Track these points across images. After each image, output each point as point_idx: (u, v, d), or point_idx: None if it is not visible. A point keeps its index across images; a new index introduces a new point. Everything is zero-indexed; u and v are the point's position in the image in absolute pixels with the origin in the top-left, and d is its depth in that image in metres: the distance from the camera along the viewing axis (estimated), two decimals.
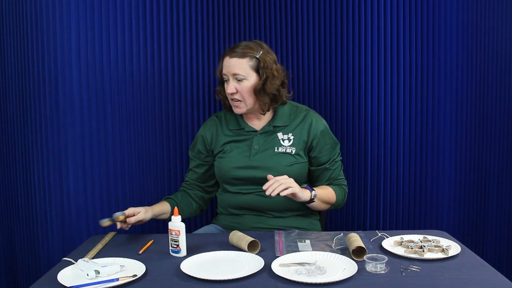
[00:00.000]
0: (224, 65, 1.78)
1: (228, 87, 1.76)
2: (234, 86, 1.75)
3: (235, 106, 1.80)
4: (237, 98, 1.77)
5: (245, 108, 1.79)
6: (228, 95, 1.79)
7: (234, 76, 1.75)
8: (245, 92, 1.76)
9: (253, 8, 2.22)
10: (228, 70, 1.76)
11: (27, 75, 2.00)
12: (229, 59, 1.76)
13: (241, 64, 1.74)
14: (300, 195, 1.64)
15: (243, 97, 1.76)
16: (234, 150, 1.84)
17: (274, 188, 1.56)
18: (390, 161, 2.20)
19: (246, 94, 1.76)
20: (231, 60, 1.75)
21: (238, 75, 1.74)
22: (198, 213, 1.96)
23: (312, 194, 1.69)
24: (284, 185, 1.57)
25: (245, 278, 1.30)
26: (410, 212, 2.24)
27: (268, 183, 1.58)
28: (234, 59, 1.74)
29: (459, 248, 1.47)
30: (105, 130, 2.02)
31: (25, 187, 2.08)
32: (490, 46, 2.09)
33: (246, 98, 1.77)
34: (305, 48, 2.23)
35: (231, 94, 1.76)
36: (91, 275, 1.31)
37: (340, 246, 1.53)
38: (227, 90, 1.78)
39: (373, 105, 2.18)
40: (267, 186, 1.57)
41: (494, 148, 2.11)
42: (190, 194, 1.91)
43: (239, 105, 1.79)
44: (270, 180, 1.59)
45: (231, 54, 1.75)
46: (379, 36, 2.14)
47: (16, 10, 2.00)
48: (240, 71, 1.74)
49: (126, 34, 2.01)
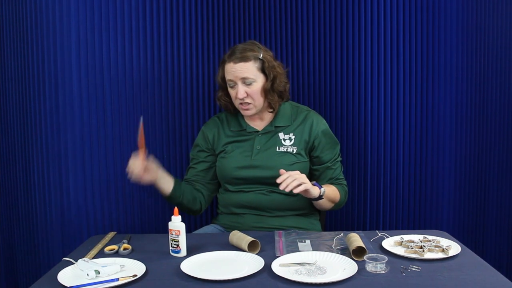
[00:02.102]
0: (228, 71, 1.76)
1: (238, 92, 1.75)
2: (244, 90, 1.75)
3: (244, 109, 1.79)
4: (248, 101, 1.77)
5: (255, 110, 1.80)
6: (236, 100, 1.78)
7: (243, 81, 1.75)
8: (255, 94, 1.76)
9: (253, 9, 2.22)
10: (235, 75, 1.74)
11: (27, 76, 2.00)
12: (233, 65, 1.74)
13: (248, 67, 1.74)
14: (312, 191, 1.64)
15: (253, 99, 1.77)
16: (235, 150, 1.84)
17: (288, 184, 1.55)
18: (390, 161, 2.20)
19: (256, 95, 1.76)
20: (237, 66, 1.74)
21: (247, 78, 1.74)
22: (197, 208, 1.89)
23: (321, 191, 1.68)
24: (297, 180, 1.56)
25: (245, 278, 1.30)
26: (410, 212, 2.24)
27: (282, 177, 1.57)
28: (240, 64, 1.74)
29: (459, 248, 1.47)
30: (105, 130, 2.02)
31: (25, 187, 2.08)
32: (490, 46, 2.09)
33: (256, 100, 1.77)
34: (305, 48, 2.23)
35: (241, 98, 1.76)
36: (91, 275, 1.31)
37: (340, 246, 1.53)
38: (236, 95, 1.76)
39: (373, 105, 2.18)
40: (281, 180, 1.56)
41: (494, 148, 2.11)
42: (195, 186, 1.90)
43: (249, 108, 1.78)
44: (284, 175, 1.57)
45: (235, 60, 1.74)
46: (379, 36, 2.14)
47: (16, 11, 2.00)
48: (249, 74, 1.74)
49: (126, 35, 2.01)
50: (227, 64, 1.76)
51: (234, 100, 1.80)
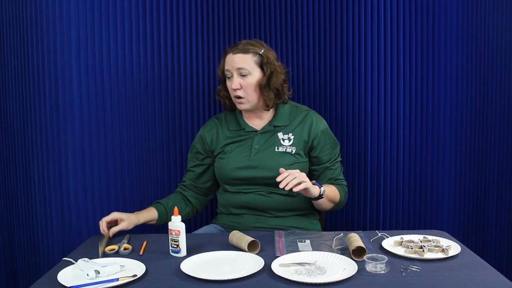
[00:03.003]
0: (227, 61, 1.78)
1: (233, 83, 1.76)
2: (239, 82, 1.75)
3: (238, 102, 1.80)
4: (240, 94, 1.77)
5: (249, 105, 1.79)
6: (231, 91, 1.79)
7: (238, 71, 1.75)
8: (249, 88, 1.76)
9: (253, 8, 2.22)
10: (232, 65, 1.76)
11: (27, 75, 2.00)
12: (232, 55, 1.76)
13: (245, 59, 1.75)
14: (312, 190, 1.63)
15: (247, 93, 1.76)
16: (234, 151, 1.84)
17: (288, 182, 1.54)
18: (390, 161, 2.20)
19: (250, 89, 1.76)
20: (235, 56, 1.76)
21: (243, 69, 1.75)
22: (191, 216, 1.93)
23: (321, 190, 1.68)
24: (297, 179, 1.55)
25: (245, 278, 1.30)
26: (410, 212, 2.24)
27: (282, 176, 1.56)
28: (238, 54, 1.75)
29: (459, 248, 1.47)
30: (105, 130, 2.03)
31: (25, 187, 2.08)
32: (490, 45, 2.09)
33: (250, 94, 1.77)
34: (305, 48, 2.23)
35: (234, 90, 1.76)
36: (91, 275, 1.31)
37: (340, 246, 1.53)
38: (230, 86, 1.77)
39: (373, 105, 2.18)
40: (281, 179, 1.55)
41: (494, 148, 2.11)
42: (185, 196, 1.90)
43: (242, 101, 1.79)
44: (284, 173, 1.56)
45: (234, 51, 1.76)
46: (379, 36, 2.14)
47: (16, 10, 2.00)
48: (245, 65, 1.75)
49: (126, 34, 2.01)
50: (228, 55, 1.79)
51: (231, 92, 1.80)
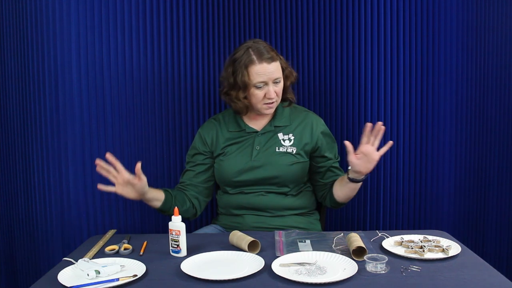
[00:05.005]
0: (261, 72, 1.71)
1: (269, 92, 1.73)
2: (275, 90, 1.75)
3: (270, 107, 1.78)
4: (275, 100, 1.77)
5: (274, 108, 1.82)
6: (263, 99, 1.75)
7: (274, 80, 1.74)
8: (280, 93, 1.79)
9: (253, 8, 2.22)
10: (269, 76, 1.72)
11: (27, 75, 2.00)
12: (267, 65, 1.71)
13: (277, 67, 1.75)
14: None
15: (278, 98, 1.79)
16: (235, 152, 1.83)
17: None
18: (390, 161, 2.20)
19: (280, 93, 1.79)
20: (270, 66, 1.72)
21: (278, 78, 1.75)
22: (191, 215, 1.87)
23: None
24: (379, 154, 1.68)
25: (245, 278, 1.30)
26: (410, 212, 2.24)
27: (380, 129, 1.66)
28: (273, 64, 1.73)
29: (459, 248, 1.47)
30: (105, 130, 2.02)
31: (25, 187, 2.08)
32: (490, 46, 2.09)
33: (279, 98, 1.80)
34: (305, 48, 2.23)
35: (272, 98, 1.74)
36: (91, 275, 1.31)
37: (340, 246, 1.53)
38: (265, 96, 1.74)
39: (373, 105, 2.18)
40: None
41: (494, 148, 2.11)
42: (186, 193, 1.86)
43: (273, 106, 1.79)
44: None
45: (267, 60, 1.72)
46: (379, 36, 2.14)
47: (16, 10, 2.00)
48: (279, 73, 1.76)
49: (126, 35, 2.01)
50: (259, 65, 1.71)
51: (260, 101, 1.76)
